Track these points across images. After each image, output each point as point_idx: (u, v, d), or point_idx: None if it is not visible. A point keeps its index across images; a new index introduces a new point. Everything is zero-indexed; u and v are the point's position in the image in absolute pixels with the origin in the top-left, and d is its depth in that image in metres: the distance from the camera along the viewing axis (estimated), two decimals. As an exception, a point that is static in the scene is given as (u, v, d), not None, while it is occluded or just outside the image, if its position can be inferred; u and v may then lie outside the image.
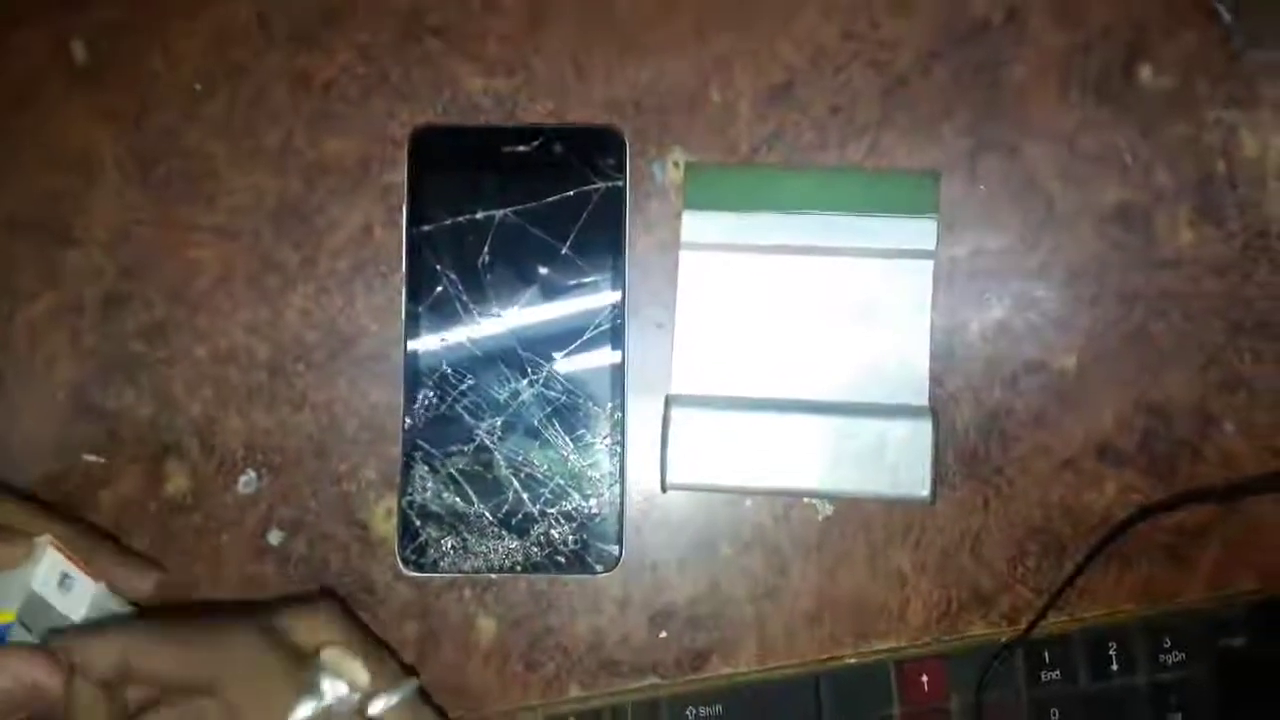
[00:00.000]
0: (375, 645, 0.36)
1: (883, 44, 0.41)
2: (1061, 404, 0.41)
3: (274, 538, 0.41)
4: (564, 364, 0.40)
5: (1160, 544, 0.40)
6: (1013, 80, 0.41)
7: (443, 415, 0.40)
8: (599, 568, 0.40)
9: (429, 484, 0.40)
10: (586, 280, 0.40)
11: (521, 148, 0.40)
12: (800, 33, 0.41)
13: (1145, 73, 0.41)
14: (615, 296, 0.40)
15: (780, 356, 0.40)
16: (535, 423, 0.40)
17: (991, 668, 0.41)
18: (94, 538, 0.37)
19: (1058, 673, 0.43)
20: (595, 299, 0.40)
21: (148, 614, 0.37)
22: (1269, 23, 0.41)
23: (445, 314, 0.40)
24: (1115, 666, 0.43)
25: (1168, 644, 0.43)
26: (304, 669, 0.33)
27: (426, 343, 0.40)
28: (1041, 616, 0.40)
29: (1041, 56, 0.41)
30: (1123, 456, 0.40)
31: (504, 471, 0.40)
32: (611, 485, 0.40)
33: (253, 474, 0.41)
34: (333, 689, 0.33)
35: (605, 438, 0.40)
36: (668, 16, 0.41)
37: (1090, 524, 0.40)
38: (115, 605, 0.36)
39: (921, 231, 0.40)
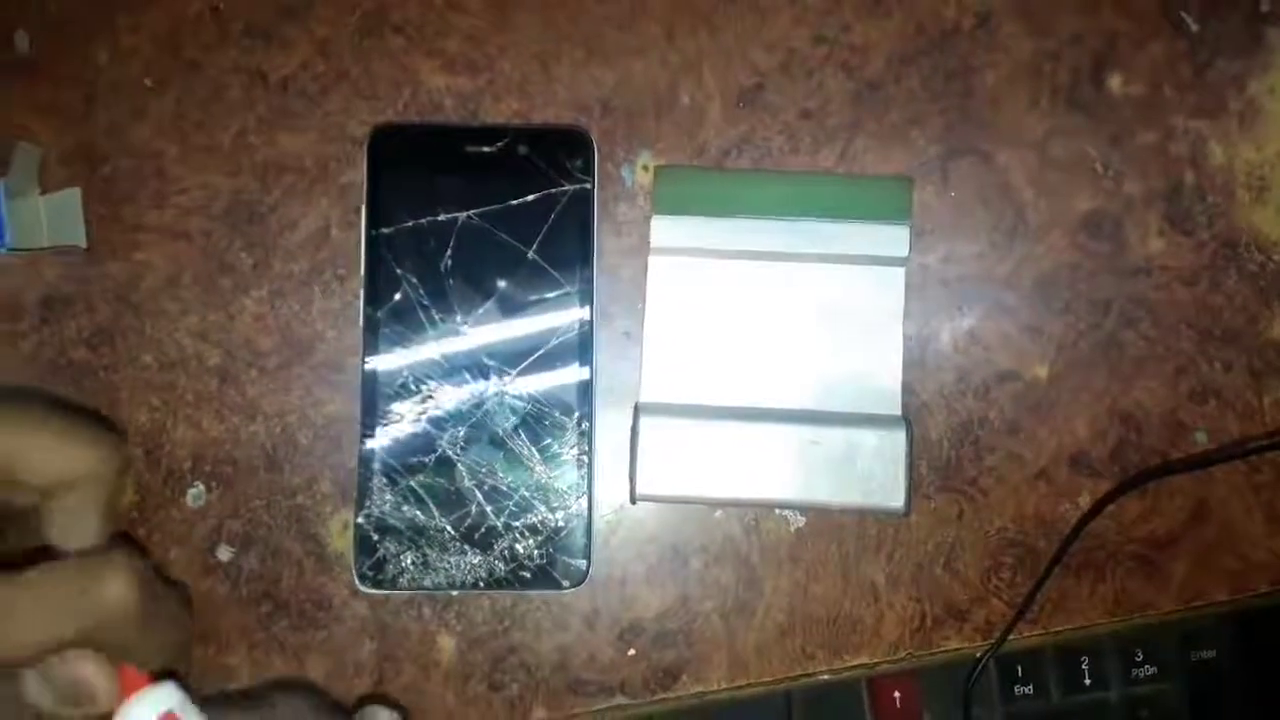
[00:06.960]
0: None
1: (854, 48, 0.41)
2: (1034, 413, 0.40)
3: (224, 553, 0.39)
4: (529, 372, 0.39)
5: (1132, 554, 0.40)
6: (984, 86, 0.41)
7: (402, 425, 0.38)
8: (565, 583, 0.38)
9: (387, 497, 0.38)
10: (553, 286, 0.39)
11: (486, 148, 0.39)
12: (771, 36, 0.41)
13: (1115, 81, 0.41)
14: (583, 302, 0.39)
15: (752, 364, 0.39)
16: (499, 433, 0.39)
17: (969, 684, 0.41)
18: None
19: (1030, 688, 0.43)
20: (562, 305, 0.39)
21: None
22: (1234, 33, 0.41)
23: (405, 320, 0.39)
24: (1088, 681, 0.43)
25: (1139, 657, 0.43)
26: None
27: (386, 350, 0.39)
28: (1016, 621, 0.39)
29: (1012, 63, 0.41)
30: (1096, 466, 0.40)
31: (466, 484, 0.38)
32: (579, 497, 0.38)
33: (201, 487, 0.39)
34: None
35: (572, 448, 0.39)
36: (637, 17, 0.41)
37: (1064, 534, 0.40)
38: None
39: (893, 238, 0.39)
